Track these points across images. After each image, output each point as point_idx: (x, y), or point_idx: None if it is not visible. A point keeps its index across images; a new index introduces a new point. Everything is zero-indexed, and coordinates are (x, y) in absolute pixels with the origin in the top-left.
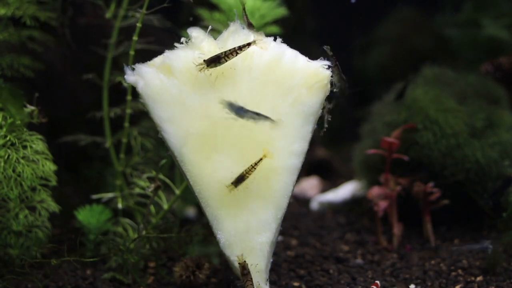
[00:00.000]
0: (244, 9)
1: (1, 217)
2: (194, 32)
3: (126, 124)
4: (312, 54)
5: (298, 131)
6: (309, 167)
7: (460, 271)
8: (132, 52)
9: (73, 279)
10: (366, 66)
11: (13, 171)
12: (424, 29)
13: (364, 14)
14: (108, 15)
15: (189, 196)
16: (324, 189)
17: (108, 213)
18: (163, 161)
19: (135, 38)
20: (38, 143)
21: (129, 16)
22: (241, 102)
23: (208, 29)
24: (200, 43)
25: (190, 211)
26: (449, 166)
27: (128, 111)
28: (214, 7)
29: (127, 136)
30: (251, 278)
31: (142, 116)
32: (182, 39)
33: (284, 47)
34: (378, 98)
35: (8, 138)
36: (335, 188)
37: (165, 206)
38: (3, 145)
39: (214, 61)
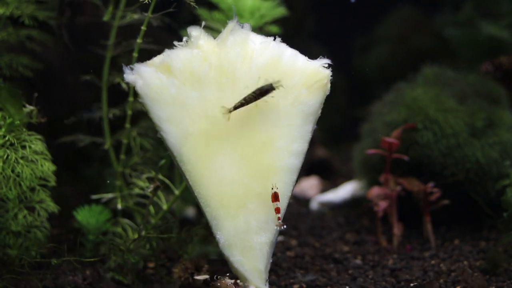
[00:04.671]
0: None
1: (0, 217)
2: (194, 32)
3: (127, 125)
4: (312, 53)
5: (298, 130)
6: (309, 167)
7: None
8: (135, 55)
9: (72, 280)
10: (366, 66)
11: (12, 171)
12: (424, 28)
13: (364, 13)
14: (106, 17)
15: (189, 196)
16: (324, 189)
17: (107, 214)
18: (162, 161)
19: (139, 40)
20: (37, 143)
21: (126, 16)
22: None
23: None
24: (200, 43)
25: (190, 211)
26: (449, 166)
27: (129, 112)
28: (213, 7)
29: (127, 137)
30: None
31: (141, 116)
32: (184, 38)
33: (284, 46)
34: (378, 98)
35: (7, 138)
36: (335, 188)
37: (165, 207)
38: (2, 145)
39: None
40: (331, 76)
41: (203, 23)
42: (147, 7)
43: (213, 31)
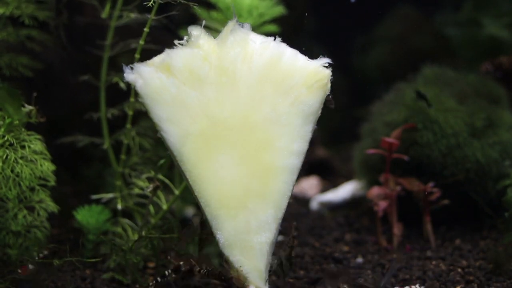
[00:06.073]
0: None
1: (0, 217)
2: (194, 31)
3: (128, 126)
4: (312, 53)
5: (298, 130)
6: (309, 167)
7: (460, 271)
8: (137, 56)
9: (73, 279)
10: (366, 66)
11: (12, 171)
12: (424, 28)
13: (364, 13)
14: (104, 15)
15: (189, 196)
16: (324, 189)
17: (107, 213)
18: (162, 161)
19: (141, 42)
20: (36, 143)
21: (124, 16)
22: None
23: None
24: (200, 42)
25: (190, 211)
26: (449, 166)
27: (130, 112)
28: (211, 6)
29: (127, 137)
30: None
31: (141, 115)
32: (185, 38)
33: (284, 46)
34: (378, 98)
35: (6, 138)
36: (335, 188)
37: (164, 206)
38: (1, 145)
39: None
40: (331, 76)
41: (203, 23)
42: (144, 7)
43: (212, 30)
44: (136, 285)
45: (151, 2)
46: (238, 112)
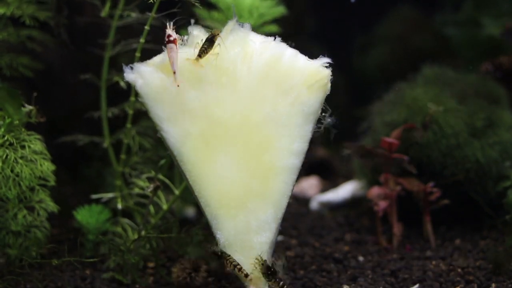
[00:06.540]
0: None
1: (0, 217)
2: (195, 31)
3: (129, 125)
4: (312, 53)
5: (298, 130)
6: (309, 167)
7: (460, 271)
8: (138, 54)
9: (72, 280)
10: (366, 66)
11: (12, 171)
12: (424, 28)
13: (364, 13)
14: (104, 14)
15: (189, 196)
16: (324, 189)
17: (107, 213)
18: (162, 161)
19: (142, 40)
20: (36, 143)
21: (125, 15)
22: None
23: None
24: (199, 42)
25: (190, 211)
26: (449, 166)
27: (131, 111)
28: (212, 6)
29: (128, 137)
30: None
31: (141, 115)
32: (185, 38)
33: (284, 46)
34: (378, 98)
35: (6, 138)
36: (335, 188)
37: (165, 206)
38: (1, 145)
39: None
40: (331, 75)
41: (207, 25)
42: (145, 6)
43: (212, 30)
44: (136, 285)
45: None
46: (238, 112)
